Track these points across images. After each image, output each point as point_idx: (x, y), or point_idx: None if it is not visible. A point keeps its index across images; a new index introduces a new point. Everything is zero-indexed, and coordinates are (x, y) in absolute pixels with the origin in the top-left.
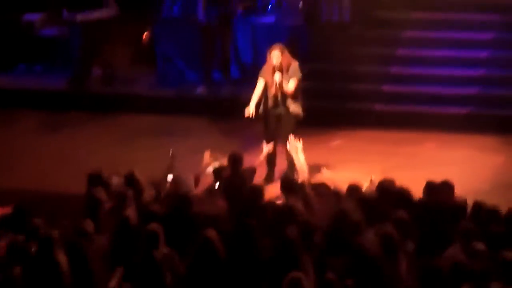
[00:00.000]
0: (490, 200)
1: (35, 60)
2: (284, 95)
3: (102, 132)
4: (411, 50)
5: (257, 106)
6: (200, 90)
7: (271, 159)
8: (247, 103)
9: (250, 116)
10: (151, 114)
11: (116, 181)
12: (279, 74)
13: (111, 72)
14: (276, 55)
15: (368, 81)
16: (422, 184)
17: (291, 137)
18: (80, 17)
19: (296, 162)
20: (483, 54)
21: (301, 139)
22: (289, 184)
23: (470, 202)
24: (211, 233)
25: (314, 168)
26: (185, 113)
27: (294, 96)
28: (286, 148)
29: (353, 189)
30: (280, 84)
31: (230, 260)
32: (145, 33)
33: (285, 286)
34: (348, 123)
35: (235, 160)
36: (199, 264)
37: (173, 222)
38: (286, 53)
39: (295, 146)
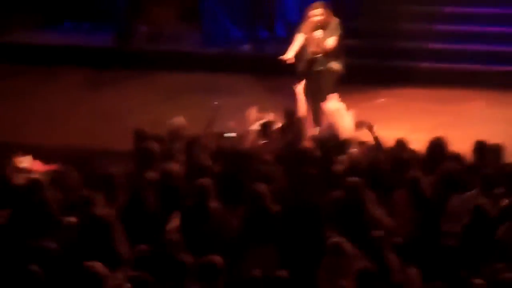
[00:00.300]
0: None
1: (81, 17)
2: (324, 52)
3: (147, 90)
4: (459, 8)
5: (297, 62)
6: (246, 47)
7: (315, 117)
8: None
9: (287, 60)
10: (196, 72)
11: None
12: (321, 31)
13: (157, 29)
14: (318, 12)
15: (415, 39)
16: (469, 142)
17: (333, 97)
18: None
19: (339, 120)
20: None
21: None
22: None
23: None
24: (262, 188)
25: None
26: (230, 71)
27: (334, 53)
28: (326, 106)
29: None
30: (321, 40)
31: (283, 214)
32: None
33: (327, 250)
34: (394, 80)
35: (290, 114)
36: (251, 218)
37: (226, 178)
38: (327, 10)
39: (337, 105)
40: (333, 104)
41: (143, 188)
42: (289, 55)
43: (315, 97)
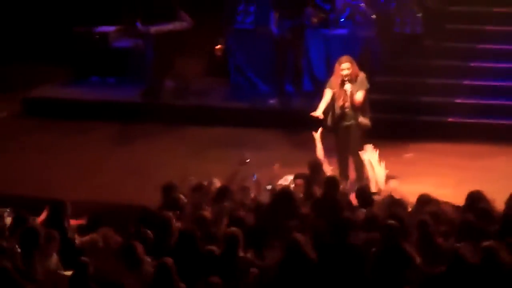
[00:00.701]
0: None
1: (109, 72)
2: (353, 106)
3: (175, 144)
4: (483, 63)
5: (325, 117)
6: (273, 102)
7: (343, 171)
8: None
9: (317, 116)
10: (223, 126)
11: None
12: (350, 85)
13: (184, 84)
14: (346, 66)
15: (441, 94)
16: (494, 197)
17: (367, 147)
18: (153, 29)
19: (370, 173)
20: None
21: (377, 150)
22: (366, 195)
23: None
24: (299, 236)
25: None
26: (257, 125)
27: (362, 107)
28: (355, 159)
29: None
30: (351, 94)
31: (321, 263)
32: (218, 45)
33: None
34: (421, 135)
35: (315, 166)
36: (288, 266)
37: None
38: (354, 64)
39: (370, 156)
40: (369, 155)
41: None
42: (319, 111)
43: (344, 151)
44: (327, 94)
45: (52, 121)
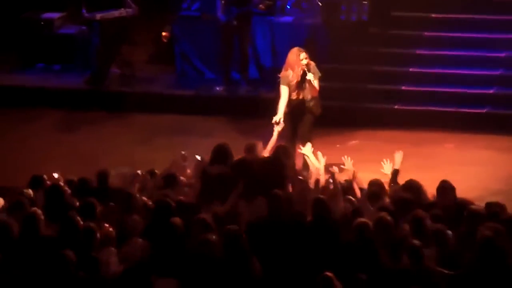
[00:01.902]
0: (508, 200)
1: (54, 59)
2: (308, 95)
3: (120, 132)
4: (429, 50)
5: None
6: (219, 89)
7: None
8: (265, 102)
9: (278, 123)
10: (169, 114)
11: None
12: (311, 74)
13: (130, 71)
14: (304, 56)
15: (387, 81)
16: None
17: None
18: (99, 15)
19: (309, 163)
20: (501, 54)
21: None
22: None
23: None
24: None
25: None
26: (203, 113)
27: (315, 95)
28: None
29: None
30: (312, 83)
31: None
32: (164, 32)
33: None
34: (367, 123)
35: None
36: None
37: None
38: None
39: (307, 148)
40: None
41: None
42: (280, 114)
43: (293, 137)
44: (284, 93)
45: None
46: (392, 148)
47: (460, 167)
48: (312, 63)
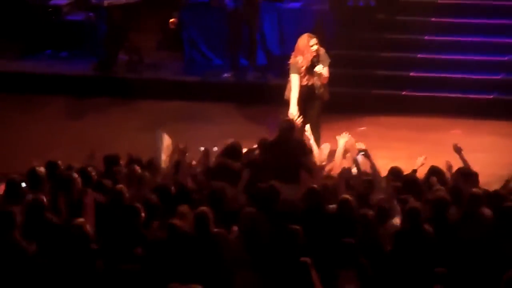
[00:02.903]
0: None
1: (62, 46)
2: (318, 82)
3: (128, 118)
4: (437, 36)
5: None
6: (226, 75)
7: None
8: (273, 89)
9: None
10: (177, 100)
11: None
12: (320, 65)
13: (138, 57)
14: (314, 42)
15: (394, 67)
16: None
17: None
18: (107, 2)
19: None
20: (509, 40)
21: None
22: None
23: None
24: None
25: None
26: (211, 99)
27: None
28: (313, 132)
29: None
30: (321, 74)
31: None
32: (172, 19)
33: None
34: (374, 109)
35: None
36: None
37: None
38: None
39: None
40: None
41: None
42: (294, 108)
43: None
44: (295, 82)
45: (5, 95)
46: (399, 134)
47: (467, 153)
48: (322, 49)
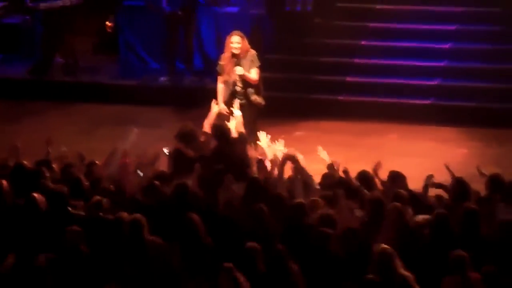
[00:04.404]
0: None
1: None
2: (245, 85)
3: (64, 122)
4: (374, 41)
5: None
6: (163, 79)
7: None
8: (210, 93)
9: (226, 113)
10: (113, 104)
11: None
12: (241, 68)
13: (74, 61)
14: (236, 40)
15: (331, 72)
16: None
17: (259, 133)
18: (43, 5)
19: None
20: (445, 46)
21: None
22: None
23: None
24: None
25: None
26: (147, 103)
27: (256, 85)
28: (250, 139)
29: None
30: (241, 77)
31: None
32: (109, 22)
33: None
34: (311, 113)
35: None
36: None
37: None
38: (245, 40)
39: (265, 140)
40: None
41: None
42: (221, 105)
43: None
44: (220, 84)
45: None
46: (336, 139)
47: (404, 158)
48: (253, 52)
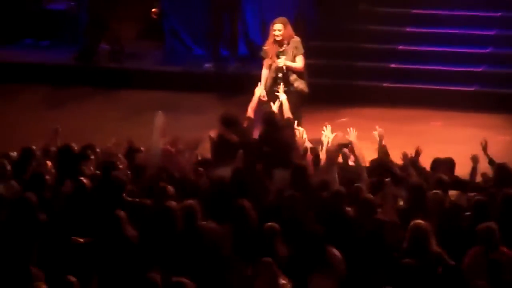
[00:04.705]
0: None
1: (42, 35)
2: (288, 72)
3: (108, 108)
4: (419, 28)
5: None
6: (208, 66)
7: None
8: (254, 79)
9: (263, 97)
10: (158, 90)
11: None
12: (282, 59)
13: (119, 47)
14: (278, 27)
15: (375, 59)
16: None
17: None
18: None
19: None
20: (490, 32)
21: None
22: None
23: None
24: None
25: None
26: (192, 89)
27: (300, 72)
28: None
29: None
30: (285, 67)
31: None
32: (154, 8)
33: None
34: (355, 100)
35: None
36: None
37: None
38: (288, 26)
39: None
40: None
41: None
42: (261, 89)
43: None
44: (264, 69)
45: None
46: (380, 125)
47: (447, 145)
48: (297, 39)
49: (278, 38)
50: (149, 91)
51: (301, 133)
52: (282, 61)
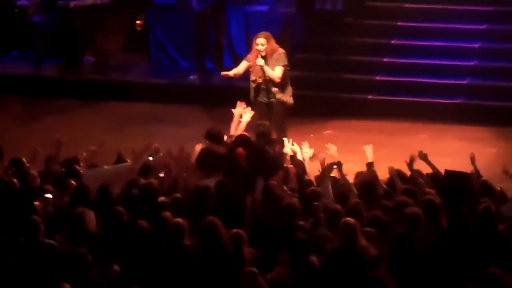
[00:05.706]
0: None
1: (28, 47)
2: (270, 83)
3: (94, 120)
4: (404, 40)
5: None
6: (193, 78)
7: None
8: (239, 91)
9: (226, 74)
10: (143, 102)
11: None
12: (262, 60)
13: (104, 59)
14: (260, 42)
15: (361, 71)
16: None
17: (286, 140)
18: (73, 3)
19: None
20: (475, 45)
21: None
22: None
23: None
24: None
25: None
26: (177, 101)
27: (282, 84)
28: (278, 136)
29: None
30: (263, 69)
31: None
32: (139, 20)
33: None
34: (341, 113)
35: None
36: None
37: None
38: (272, 41)
39: (294, 147)
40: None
41: None
42: (230, 72)
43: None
44: (242, 64)
45: None
46: (366, 138)
47: (434, 157)
48: (281, 51)
49: (262, 54)
50: (135, 103)
51: (286, 145)
52: (261, 61)
